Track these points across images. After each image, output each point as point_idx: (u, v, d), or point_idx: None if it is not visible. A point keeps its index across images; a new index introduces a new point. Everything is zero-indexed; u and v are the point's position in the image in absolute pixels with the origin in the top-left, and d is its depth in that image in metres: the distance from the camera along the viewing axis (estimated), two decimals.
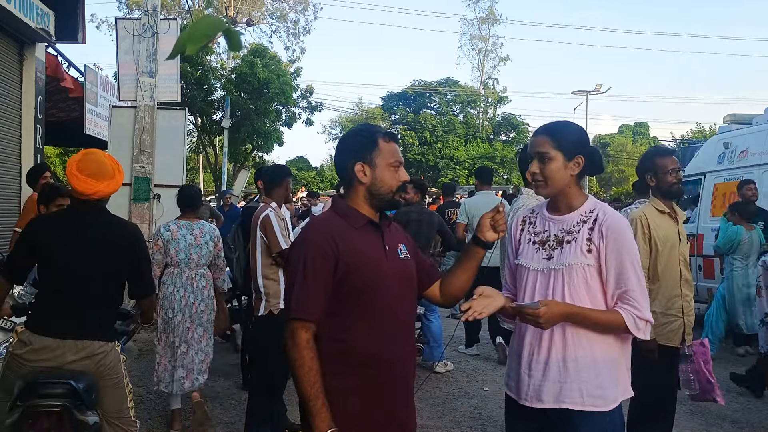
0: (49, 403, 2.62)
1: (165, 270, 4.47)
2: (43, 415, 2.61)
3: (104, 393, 2.82)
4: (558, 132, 2.16)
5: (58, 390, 2.65)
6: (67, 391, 2.65)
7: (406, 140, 37.20)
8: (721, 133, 8.90)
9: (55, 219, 3.08)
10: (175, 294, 4.40)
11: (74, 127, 9.63)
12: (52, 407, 2.61)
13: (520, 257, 2.22)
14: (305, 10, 33.13)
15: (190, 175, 28.11)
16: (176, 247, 4.42)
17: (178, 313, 4.40)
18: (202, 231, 4.50)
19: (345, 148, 2.08)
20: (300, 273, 1.93)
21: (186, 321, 4.41)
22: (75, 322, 2.75)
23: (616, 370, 2.09)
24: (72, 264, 2.78)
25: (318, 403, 1.86)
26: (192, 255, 4.44)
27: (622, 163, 40.34)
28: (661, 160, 3.38)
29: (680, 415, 4.05)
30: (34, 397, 2.63)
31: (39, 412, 2.61)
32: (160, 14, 7.97)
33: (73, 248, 2.79)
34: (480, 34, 42.25)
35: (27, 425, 2.58)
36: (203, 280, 4.46)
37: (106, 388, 2.82)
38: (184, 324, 4.40)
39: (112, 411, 2.85)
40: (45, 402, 2.62)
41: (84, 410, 2.67)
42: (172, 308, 4.40)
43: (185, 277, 4.43)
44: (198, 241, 4.47)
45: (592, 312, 2.04)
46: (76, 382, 2.67)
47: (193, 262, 4.45)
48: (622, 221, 2.12)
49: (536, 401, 2.11)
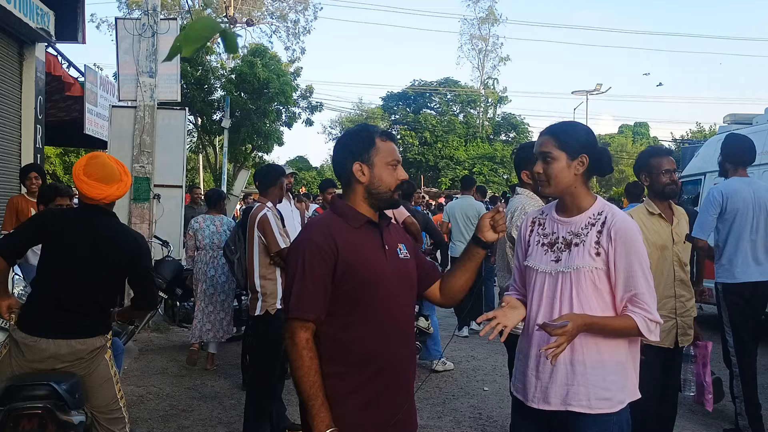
0: (29, 405, 2.64)
1: (196, 252, 6.07)
2: (24, 417, 2.63)
3: (93, 390, 2.85)
4: (561, 132, 2.17)
5: (39, 392, 2.67)
6: (49, 393, 2.67)
7: (406, 140, 37.22)
8: (721, 133, 8.90)
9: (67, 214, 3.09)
10: (205, 270, 5.97)
11: (74, 127, 9.63)
12: (34, 409, 2.63)
13: (529, 259, 2.22)
14: (305, 10, 33.18)
15: (190, 175, 28.09)
16: (203, 234, 6.03)
17: (207, 283, 5.94)
18: (221, 222, 6.16)
19: (343, 148, 2.08)
20: (299, 273, 1.92)
21: (210, 289, 5.97)
22: (67, 323, 2.76)
23: (623, 373, 2.09)
24: (73, 262, 2.77)
25: (317, 403, 1.86)
26: (214, 240, 6.01)
27: (623, 163, 40.31)
28: (657, 160, 3.36)
29: (680, 415, 4.04)
30: (15, 400, 2.65)
31: (21, 414, 2.63)
32: (160, 14, 7.95)
33: (78, 247, 2.79)
34: (480, 34, 42.26)
35: (9, 428, 2.60)
36: (223, 259, 5.57)
37: (95, 386, 2.84)
38: (209, 291, 5.96)
39: (102, 407, 2.87)
40: (26, 404, 2.64)
41: (68, 410, 2.69)
42: (204, 281, 5.95)
43: (209, 257, 5.99)
44: (218, 229, 6.08)
45: (609, 320, 2.05)
46: (57, 383, 2.69)
47: (215, 245, 5.98)
48: (631, 224, 2.11)
49: (543, 403, 2.11)
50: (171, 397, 5.10)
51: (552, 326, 1.95)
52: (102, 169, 2.79)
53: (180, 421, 4.55)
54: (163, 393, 5.20)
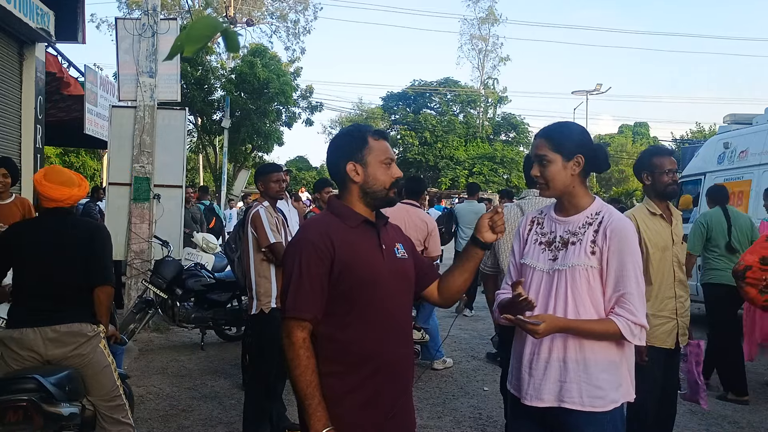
0: (14, 398, 2.78)
1: None
2: (10, 410, 2.78)
3: (92, 380, 3.05)
4: (555, 134, 2.18)
5: (25, 385, 2.83)
6: (35, 386, 2.82)
7: (406, 140, 37.25)
8: (721, 133, 8.89)
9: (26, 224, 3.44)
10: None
11: (74, 127, 9.62)
12: (18, 402, 2.77)
13: (526, 257, 2.24)
14: (305, 10, 33.19)
15: (190, 175, 28.10)
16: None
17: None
18: None
19: (336, 149, 2.08)
20: (296, 272, 1.93)
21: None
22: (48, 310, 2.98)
23: (616, 372, 2.10)
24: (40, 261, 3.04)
25: (314, 403, 1.86)
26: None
27: (623, 163, 40.34)
28: (659, 159, 3.36)
29: (680, 415, 4.05)
30: (3, 393, 2.80)
31: (6, 407, 2.77)
32: (160, 14, 7.95)
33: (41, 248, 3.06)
34: (480, 34, 42.28)
35: None
36: None
37: (94, 375, 3.05)
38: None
39: (103, 395, 3.07)
40: (10, 397, 2.78)
41: (55, 402, 2.84)
42: None
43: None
44: None
45: (587, 323, 2.06)
46: (43, 376, 2.85)
47: None
48: (627, 224, 2.12)
49: (536, 400, 2.12)
50: (171, 397, 5.10)
51: (524, 322, 1.97)
52: (62, 175, 3.14)
53: (180, 421, 4.55)
54: (163, 393, 5.20)
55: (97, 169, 23.54)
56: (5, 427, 2.76)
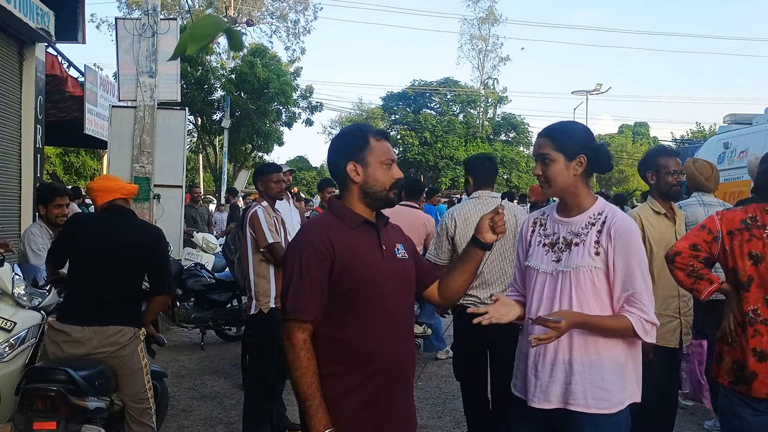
0: (44, 387, 2.90)
1: None
2: (39, 398, 2.89)
3: (125, 380, 3.20)
4: (558, 133, 2.17)
5: (57, 376, 2.95)
6: (66, 378, 2.94)
7: (406, 140, 37.22)
8: (721, 133, 8.89)
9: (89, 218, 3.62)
10: None
11: (74, 127, 9.61)
12: (48, 391, 2.89)
13: (530, 259, 2.23)
14: (305, 10, 33.11)
15: (190, 175, 28.10)
16: None
17: None
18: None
19: (337, 149, 2.08)
20: (296, 273, 1.93)
21: None
22: (98, 311, 3.11)
23: (622, 373, 2.09)
24: (98, 259, 3.17)
25: (315, 404, 1.86)
26: None
27: (623, 163, 40.31)
28: (665, 159, 3.37)
29: (680, 415, 4.04)
30: (34, 382, 2.95)
31: (35, 395, 2.90)
32: (160, 14, 7.94)
33: (100, 245, 3.20)
34: (480, 34, 42.20)
35: (25, 407, 2.91)
36: None
37: (127, 375, 3.19)
38: None
39: (132, 395, 3.22)
40: (41, 386, 2.91)
41: (83, 396, 2.94)
42: None
43: None
44: None
45: (604, 319, 2.05)
46: (75, 369, 2.97)
47: None
48: (630, 224, 2.12)
49: (543, 402, 2.12)
50: (171, 397, 5.07)
51: (546, 320, 1.97)
52: (110, 179, 3.45)
53: (180, 421, 4.55)
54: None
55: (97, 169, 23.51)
56: (33, 414, 2.88)
